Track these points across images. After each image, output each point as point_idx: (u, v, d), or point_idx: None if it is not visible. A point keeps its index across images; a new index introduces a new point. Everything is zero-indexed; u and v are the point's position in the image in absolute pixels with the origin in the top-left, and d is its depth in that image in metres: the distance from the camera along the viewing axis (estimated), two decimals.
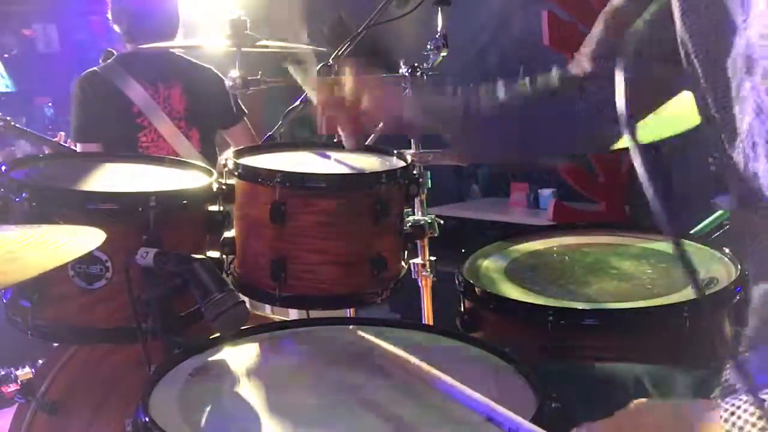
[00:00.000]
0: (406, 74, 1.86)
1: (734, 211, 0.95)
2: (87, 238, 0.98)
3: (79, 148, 2.87)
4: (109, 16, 2.93)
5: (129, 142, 2.80)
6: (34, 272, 0.85)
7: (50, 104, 5.52)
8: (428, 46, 1.94)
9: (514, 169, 4.52)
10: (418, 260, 1.84)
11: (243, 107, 3.00)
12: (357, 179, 1.53)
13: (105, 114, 2.81)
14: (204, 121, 2.93)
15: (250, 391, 1.03)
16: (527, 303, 1.46)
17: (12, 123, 2.62)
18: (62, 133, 3.01)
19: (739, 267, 1.52)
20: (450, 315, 1.58)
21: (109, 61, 2.89)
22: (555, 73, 1.28)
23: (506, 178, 4.57)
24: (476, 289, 1.51)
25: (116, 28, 2.93)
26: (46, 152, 2.85)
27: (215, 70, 2.96)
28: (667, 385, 1.11)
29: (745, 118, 0.81)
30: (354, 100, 1.34)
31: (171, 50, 2.91)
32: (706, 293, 1.47)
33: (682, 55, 0.96)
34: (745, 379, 0.74)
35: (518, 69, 4.54)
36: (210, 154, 2.93)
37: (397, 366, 1.02)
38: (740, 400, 0.76)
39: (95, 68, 2.86)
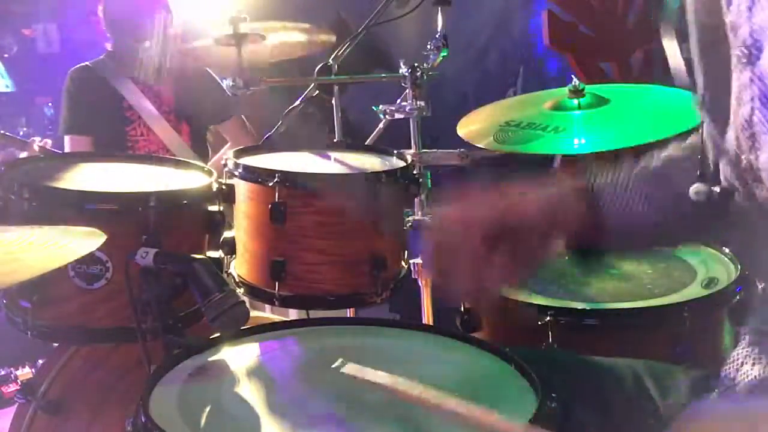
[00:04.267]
0: (406, 74, 1.86)
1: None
2: (87, 239, 0.98)
3: (67, 140, 2.88)
4: (101, 15, 2.94)
5: (118, 136, 2.81)
6: (34, 273, 0.85)
7: (50, 104, 5.52)
8: (428, 46, 1.94)
9: None
10: (418, 260, 1.83)
11: (236, 104, 3.00)
12: (357, 179, 1.53)
13: (94, 107, 2.83)
14: (194, 116, 2.94)
15: (250, 391, 1.03)
16: (527, 303, 1.46)
17: (1, 131, 2.62)
18: (48, 141, 3.00)
19: (739, 267, 1.52)
20: (450, 315, 1.58)
21: (101, 56, 2.91)
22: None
23: (506, 178, 4.56)
24: None
25: (107, 28, 2.95)
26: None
27: (207, 69, 2.98)
28: (666, 381, 1.11)
29: (740, 109, 0.80)
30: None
31: (162, 49, 2.93)
32: (707, 293, 1.47)
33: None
34: None
35: (518, 69, 4.55)
36: (201, 151, 2.95)
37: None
38: None
39: (87, 62, 2.89)
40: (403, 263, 1.61)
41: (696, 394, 1.04)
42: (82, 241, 0.97)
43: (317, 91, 2.08)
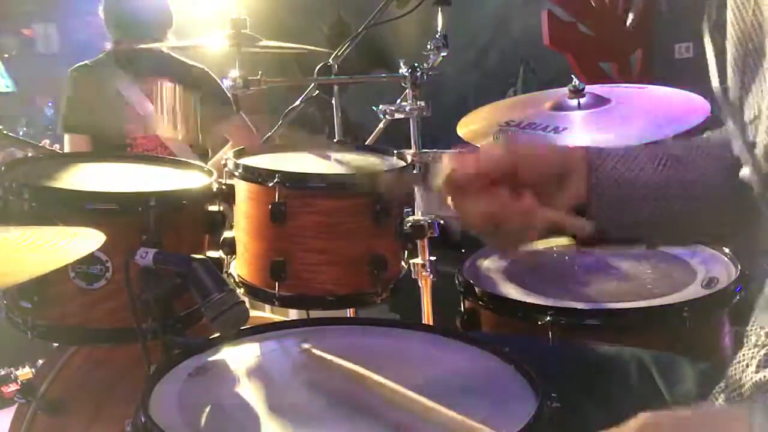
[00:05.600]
0: (406, 74, 1.86)
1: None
2: (87, 239, 0.97)
3: (66, 139, 2.88)
4: (101, 14, 2.95)
5: (117, 134, 2.81)
6: (34, 273, 0.85)
7: (50, 104, 5.52)
8: (428, 46, 1.94)
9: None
10: (418, 260, 1.83)
11: (237, 104, 3.00)
12: (357, 179, 1.53)
13: (94, 105, 2.83)
14: (193, 115, 2.94)
15: (249, 391, 1.03)
16: (527, 303, 1.46)
17: (4, 131, 2.62)
18: (47, 141, 3.02)
19: (739, 267, 1.52)
20: (450, 315, 1.58)
21: (101, 55, 2.92)
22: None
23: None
24: (476, 289, 1.51)
25: (107, 27, 2.95)
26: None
27: (206, 69, 2.99)
28: (673, 372, 1.10)
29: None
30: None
31: (161, 49, 2.93)
32: (707, 293, 1.47)
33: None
34: None
35: (518, 69, 4.56)
36: (201, 150, 2.95)
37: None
38: None
39: (87, 61, 2.89)
40: (402, 263, 1.61)
41: (703, 387, 1.04)
42: (82, 241, 0.97)
43: (317, 91, 2.08)
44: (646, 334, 1.41)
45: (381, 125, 2.08)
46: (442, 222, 1.82)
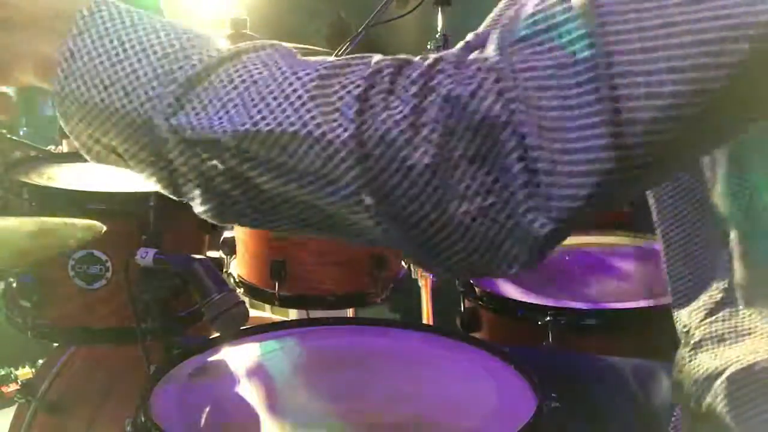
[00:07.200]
0: None
1: None
2: (86, 235, 0.97)
3: (64, 141, 2.88)
4: None
5: None
6: (32, 258, 0.85)
7: (50, 104, 5.53)
8: (428, 46, 1.94)
9: None
10: None
11: None
12: None
13: None
14: None
15: (249, 391, 1.03)
16: (527, 303, 1.46)
17: (7, 135, 2.62)
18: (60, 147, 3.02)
19: None
20: (450, 315, 1.58)
21: None
22: None
23: None
24: (476, 289, 1.51)
25: None
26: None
27: None
28: (651, 382, 1.10)
29: None
30: None
31: None
32: None
33: None
34: None
35: None
36: None
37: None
38: None
39: None
40: (403, 263, 1.61)
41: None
42: (81, 235, 0.97)
43: None
44: (646, 334, 1.41)
45: None
46: None
